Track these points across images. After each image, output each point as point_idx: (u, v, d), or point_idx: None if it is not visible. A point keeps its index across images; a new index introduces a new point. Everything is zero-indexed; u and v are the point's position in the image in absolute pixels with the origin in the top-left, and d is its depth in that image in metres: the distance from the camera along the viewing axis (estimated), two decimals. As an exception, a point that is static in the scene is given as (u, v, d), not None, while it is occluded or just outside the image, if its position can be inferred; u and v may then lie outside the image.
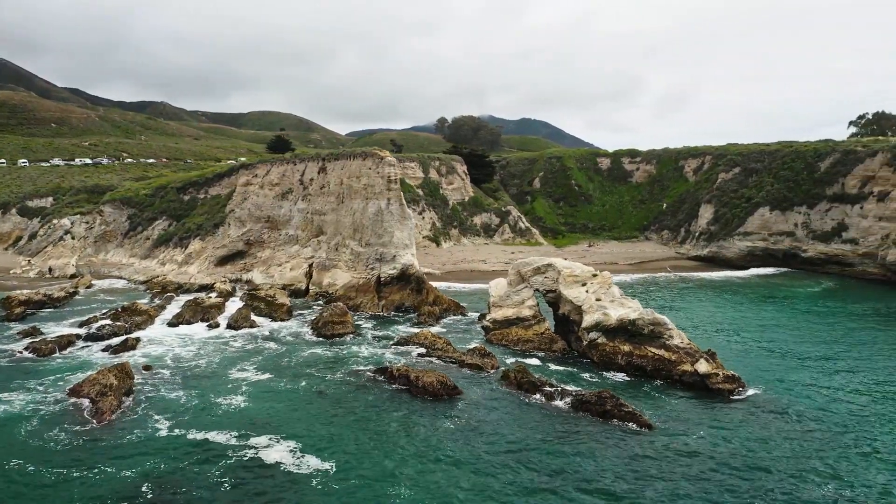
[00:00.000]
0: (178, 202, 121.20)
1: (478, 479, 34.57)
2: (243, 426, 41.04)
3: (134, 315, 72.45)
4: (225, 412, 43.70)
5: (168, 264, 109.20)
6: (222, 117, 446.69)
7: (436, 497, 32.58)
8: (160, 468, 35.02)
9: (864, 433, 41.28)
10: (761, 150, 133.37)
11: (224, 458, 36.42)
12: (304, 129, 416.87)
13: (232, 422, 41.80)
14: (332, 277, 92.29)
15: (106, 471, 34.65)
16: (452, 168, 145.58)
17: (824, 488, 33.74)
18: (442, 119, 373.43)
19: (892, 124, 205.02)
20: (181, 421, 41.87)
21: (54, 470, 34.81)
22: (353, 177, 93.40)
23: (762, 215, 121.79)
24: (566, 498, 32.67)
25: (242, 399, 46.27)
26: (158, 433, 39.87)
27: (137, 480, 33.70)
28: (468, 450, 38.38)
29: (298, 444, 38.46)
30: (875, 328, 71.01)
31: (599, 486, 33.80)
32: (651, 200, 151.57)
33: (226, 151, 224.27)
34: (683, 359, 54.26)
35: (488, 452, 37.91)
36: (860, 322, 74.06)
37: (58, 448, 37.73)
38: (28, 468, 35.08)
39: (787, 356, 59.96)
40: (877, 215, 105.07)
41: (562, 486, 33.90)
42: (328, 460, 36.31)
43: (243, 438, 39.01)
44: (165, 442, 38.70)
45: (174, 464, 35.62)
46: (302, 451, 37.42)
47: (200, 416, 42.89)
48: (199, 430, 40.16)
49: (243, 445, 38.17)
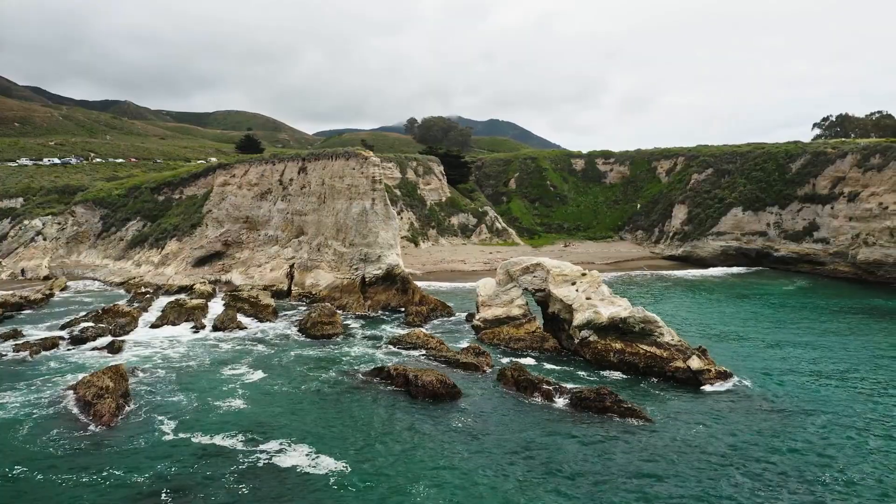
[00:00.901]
0: (153, 202, 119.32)
1: (492, 477, 34.75)
2: (249, 429, 40.62)
3: (117, 317, 71.24)
4: (228, 414, 43.21)
5: (144, 265, 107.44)
6: (187, 117, 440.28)
7: (455, 496, 32.68)
8: (172, 472, 34.50)
9: (853, 421, 42.92)
10: (733, 152, 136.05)
11: (236, 462, 36.02)
12: (270, 128, 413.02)
13: (237, 424, 41.32)
14: (315, 278, 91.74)
15: (116, 475, 34.02)
16: (429, 168, 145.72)
17: (823, 475, 34.88)
18: (412, 119, 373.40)
19: (855, 126, 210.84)
20: (185, 424, 41.28)
21: (63, 476, 33.97)
22: (335, 177, 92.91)
23: (735, 215, 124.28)
24: (580, 493, 33.04)
25: (242, 401, 45.79)
26: (164, 437, 39.26)
27: (152, 485, 33.16)
28: (478, 448, 38.62)
29: (309, 446, 38.17)
30: (850, 323, 73.11)
31: (610, 481, 34.26)
32: (625, 201, 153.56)
33: (194, 151, 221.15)
34: (675, 356, 55.21)
35: (498, 450, 38.14)
36: (836, 318, 76.11)
37: (62, 453, 36.89)
38: (36, 476, 34.13)
39: (770, 351, 61.44)
40: (847, 215, 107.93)
41: (574, 482, 34.28)
42: (342, 462, 36.12)
43: (252, 442, 38.59)
44: (173, 446, 38.14)
45: (187, 468, 35.11)
46: (316, 453, 37.18)
47: (204, 418, 42.33)
48: (206, 434, 39.63)
49: (254, 449, 37.75)
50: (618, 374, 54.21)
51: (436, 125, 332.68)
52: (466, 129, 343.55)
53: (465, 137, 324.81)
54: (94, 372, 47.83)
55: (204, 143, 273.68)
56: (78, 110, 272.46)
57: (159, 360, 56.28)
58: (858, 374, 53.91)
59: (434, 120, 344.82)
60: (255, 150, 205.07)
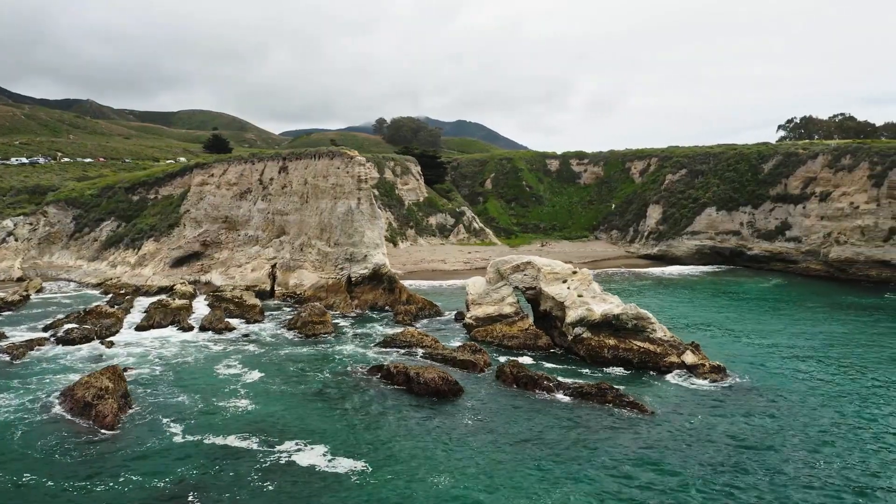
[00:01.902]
0: (127, 202, 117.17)
1: (509, 469, 35.14)
2: (260, 429, 40.37)
3: (101, 318, 69.90)
4: (235, 415, 42.78)
5: (120, 266, 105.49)
6: (151, 116, 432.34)
7: (475, 488, 32.99)
8: (193, 474, 34.12)
9: (840, 408, 45.24)
10: (706, 153, 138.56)
11: (255, 461, 35.83)
12: (236, 128, 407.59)
13: (247, 425, 41.03)
14: (299, 278, 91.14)
15: (134, 480, 33.45)
16: (407, 169, 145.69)
17: (818, 464, 36.12)
18: (381, 120, 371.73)
19: (818, 128, 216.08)
20: (194, 425, 40.79)
21: (78, 483, 33.14)
22: (319, 176, 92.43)
23: (709, 215, 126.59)
24: (595, 482, 33.61)
25: (247, 402, 45.35)
26: (175, 438, 38.75)
27: (175, 488, 32.80)
28: (490, 440, 39.13)
29: (324, 445, 38.13)
30: (828, 319, 75.43)
31: (622, 472, 34.99)
32: (599, 201, 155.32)
33: (161, 151, 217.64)
34: (668, 351, 56.25)
35: (510, 443, 38.65)
36: (814, 314, 78.38)
37: (71, 459, 35.95)
38: (46, 483, 33.18)
39: (756, 345, 63.11)
40: (819, 214, 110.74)
41: (587, 472, 34.93)
42: (360, 461, 36.14)
43: (266, 443, 38.34)
44: (187, 447, 37.72)
45: (207, 469, 34.80)
46: (332, 452, 37.18)
47: (212, 419, 41.88)
48: (218, 435, 39.23)
49: (269, 449, 37.56)
50: (614, 370, 55.02)
51: (405, 125, 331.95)
52: (436, 130, 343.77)
53: (434, 138, 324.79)
54: (92, 373, 46.92)
55: (170, 142, 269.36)
56: (40, 109, 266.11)
57: (153, 361, 55.49)
58: (842, 366, 55.79)
59: (403, 120, 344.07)
60: (223, 150, 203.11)
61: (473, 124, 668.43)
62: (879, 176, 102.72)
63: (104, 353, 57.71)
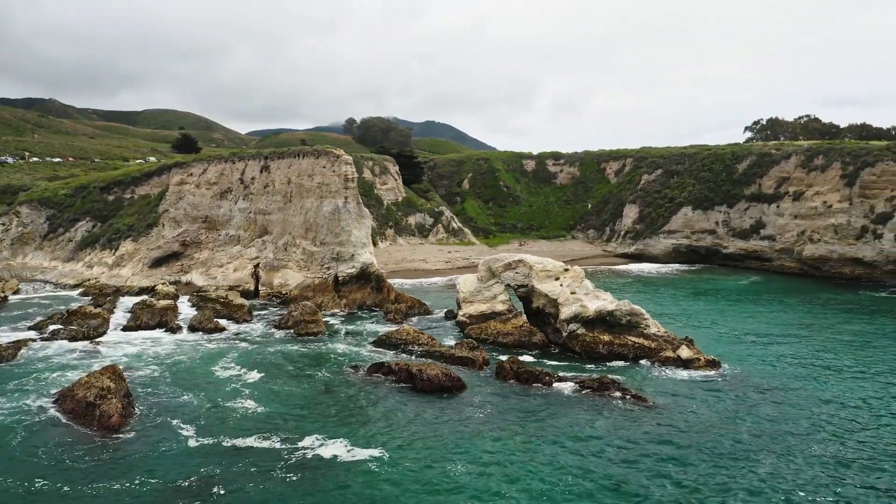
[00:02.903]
0: (103, 202, 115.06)
1: (521, 460, 35.66)
2: (274, 427, 40.22)
3: (86, 318, 68.61)
4: (245, 415, 42.40)
5: (97, 267, 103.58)
6: (115, 115, 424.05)
7: (493, 477, 33.61)
8: (215, 471, 33.92)
9: (832, 393, 47.71)
10: (681, 153, 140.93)
11: (276, 456, 35.99)
12: (202, 127, 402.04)
13: (260, 423, 40.85)
14: (283, 278, 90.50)
15: (153, 479, 33.03)
16: (385, 168, 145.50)
17: (812, 447, 37.56)
18: (350, 120, 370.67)
19: (784, 129, 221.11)
20: (205, 425, 40.40)
21: (95, 486, 32.43)
22: (303, 175, 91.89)
23: (685, 214, 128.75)
24: (610, 467, 34.39)
25: (254, 402, 44.88)
26: (189, 437, 38.31)
27: (199, 483, 32.68)
28: (503, 427, 39.95)
29: (342, 439, 38.32)
30: (805, 314, 77.99)
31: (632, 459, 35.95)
32: (576, 201, 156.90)
33: (130, 151, 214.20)
34: (663, 346, 57.24)
35: (519, 436, 39.15)
36: (792, 309, 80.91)
37: (84, 464, 34.99)
38: (62, 488, 32.26)
39: (742, 338, 65.04)
40: (792, 213, 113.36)
41: (600, 459, 35.67)
42: (378, 450, 36.64)
43: (283, 440, 38.28)
44: (204, 446, 37.40)
45: (228, 465, 34.68)
46: (351, 446, 37.36)
47: (222, 419, 41.47)
48: (233, 434, 38.96)
49: (287, 445, 37.59)
50: (611, 364, 55.79)
51: (376, 125, 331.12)
52: (407, 130, 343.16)
53: (405, 138, 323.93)
54: (91, 373, 46.09)
55: (136, 142, 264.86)
56: (3, 108, 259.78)
57: (149, 361, 54.65)
58: (826, 357, 58.08)
59: (374, 120, 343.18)
60: (192, 150, 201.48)
61: (442, 125, 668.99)
62: (852, 175, 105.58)
63: (97, 353, 56.67)
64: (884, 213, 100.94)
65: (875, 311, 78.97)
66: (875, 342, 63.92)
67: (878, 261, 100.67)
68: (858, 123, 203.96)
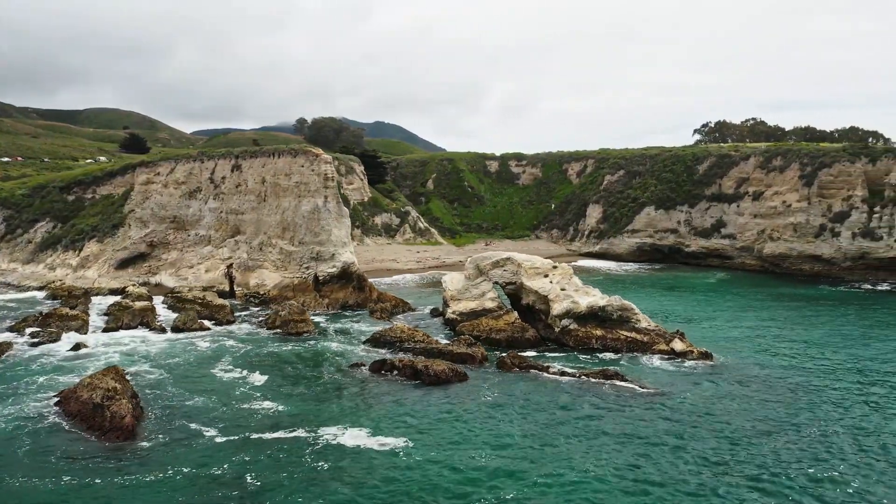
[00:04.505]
0: (63, 202, 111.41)
1: (540, 443, 36.94)
2: (293, 422, 40.21)
3: (65, 320, 66.52)
4: (262, 413, 42.01)
5: (60, 269, 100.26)
6: (56, 114, 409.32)
7: (519, 459, 34.97)
8: (247, 462, 33.89)
9: (816, 379, 50.38)
10: (642, 154, 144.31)
11: (302, 446, 36.39)
12: (147, 127, 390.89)
13: (279, 419, 40.79)
14: (260, 278, 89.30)
15: (185, 471, 32.73)
16: (351, 168, 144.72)
17: (805, 431, 39.61)
18: (301, 119, 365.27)
19: (732, 132, 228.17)
20: (222, 423, 39.99)
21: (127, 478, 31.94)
22: (280, 174, 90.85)
23: (648, 214, 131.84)
24: (626, 447, 35.99)
25: (264, 399, 44.45)
26: (211, 435, 37.96)
27: (231, 473, 32.69)
28: (518, 417, 41.31)
29: (362, 429, 38.87)
30: (775, 307, 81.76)
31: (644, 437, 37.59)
32: (539, 201, 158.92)
33: (77, 151, 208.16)
34: (656, 339, 58.80)
35: (536, 422, 40.41)
36: (762, 303, 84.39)
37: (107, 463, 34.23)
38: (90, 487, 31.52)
39: (722, 332, 67.53)
40: (752, 213, 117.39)
41: (616, 438, 37.48)
42: (402, 439, 37.35)
43: (307, 433, 38.48)
44: (228, 442, 37.24)
45: (256, 457, 34.83)
46: (373, 434, 38.17)
47: (237, 417, 41.12)
48: (254, 430, 38.77)
49: (311, 436, 37.99)
50: (607, 355, 57.12)
51: (327, 126, 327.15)
52: (359, 131, 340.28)
53: (357, 139, 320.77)
54: (94, 374, 44.83)
55: (81, 141, 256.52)
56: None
57: (144, 362, 53.39)
58: (803, 346, 61.67)
59: (325, 120, 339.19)
60: (141, 150, 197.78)
61: (391, 126, 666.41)
62: (810, 176, 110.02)
63: (87, 355, 55.00)
64: (841, 212, 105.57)
65: (839, 304, 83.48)
66: (845, 331, 68.01)
67: (837, 258, 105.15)
68: (803, 126, 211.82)
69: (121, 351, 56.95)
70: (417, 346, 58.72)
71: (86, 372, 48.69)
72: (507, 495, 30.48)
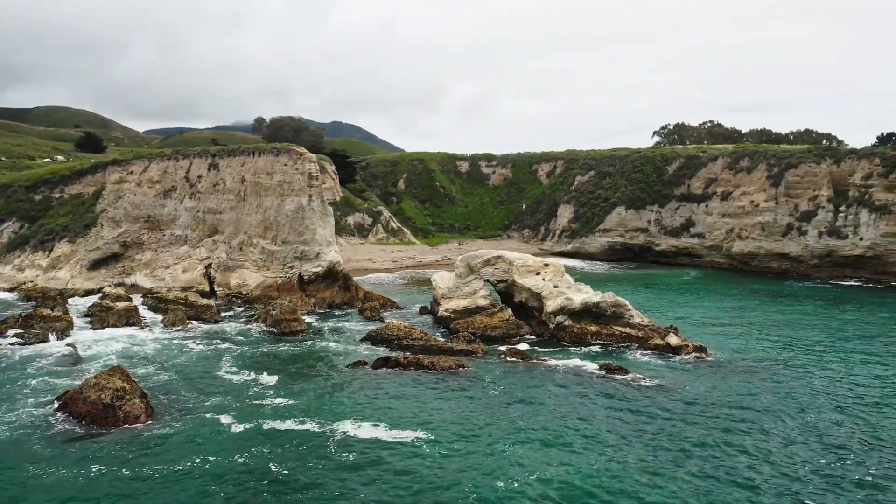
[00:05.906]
0: (30, 202, 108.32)
1: (555, 432, 37.61)
2: (310, 415, 40.20)
3: (48, 321, 64.75)
4: (272, 407, 41.63)
5: (29, 270, 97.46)
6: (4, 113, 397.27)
7: (538, 443, 36.09)
8: (267, 453, 34.29)
9: (814, 375, 51.17)
10: (612, 155, 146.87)
11: (323, 438, 36.65)
12: (99, 125, 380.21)
13: (297, 413, 40.52)
14: (241, 278, 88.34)
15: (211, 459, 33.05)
16: (323, 168, 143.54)
17: (798, 420, 40.78)
18: (260, 119, 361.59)
19: (690, 134, 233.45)
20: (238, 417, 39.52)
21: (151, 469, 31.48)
22: (261, 173, 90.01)
23: (619, 214, 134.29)
24: (639, 435, 36.84)
25: (275, 396, 43.83)
26: (229, 428, 37.94)
27: (257, 462, 32.90)
28: (533, 405, 42.40)
29: (379, 421, 39.04)
30: (752, 302, 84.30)
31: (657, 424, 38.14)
32: (509, 201, 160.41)
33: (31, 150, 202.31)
34: (650, 335, 60.09)
35: (549, 411, 41.57)
36: (738, 299, 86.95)
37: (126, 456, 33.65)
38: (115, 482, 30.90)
39: (707, 328, 68.97)
40: (721, 212, 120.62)
41: (629, 424, 38.14)
42: (419, 431, 37.74)
43: (325, 425, 38.65)
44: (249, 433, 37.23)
45: (279, 446, 35.20)
46: (390, 427, 38.42)
47: (250, 412, 40.51)
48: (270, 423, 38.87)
49: (330, 428, 38.20)
50: (605, 350, 58.08)
51: (286, 125, 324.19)
52: (318, 131, 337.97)
53: (317, 139, 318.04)
54: (98, 374, 43.78)
55: (34, 140, 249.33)
56: None
57: (142, 362, 52.25)
58: (787, 338, 63.73)
59: (284, 120, 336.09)
60: (98, 149, 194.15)
61: (350, 126, 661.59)
62: (777, 176, 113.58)
63: (82, 356, 53.74)
64: (807, 211, 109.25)
65: (812, 299, 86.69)
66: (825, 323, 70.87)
67: (804, 256, 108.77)
68: (759, 129, 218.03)
69: (116, 351, 55.76)
70: (416, 344, 58.95)
71: (85, 373, 47.71)
72: (530, 488, 30.77)
